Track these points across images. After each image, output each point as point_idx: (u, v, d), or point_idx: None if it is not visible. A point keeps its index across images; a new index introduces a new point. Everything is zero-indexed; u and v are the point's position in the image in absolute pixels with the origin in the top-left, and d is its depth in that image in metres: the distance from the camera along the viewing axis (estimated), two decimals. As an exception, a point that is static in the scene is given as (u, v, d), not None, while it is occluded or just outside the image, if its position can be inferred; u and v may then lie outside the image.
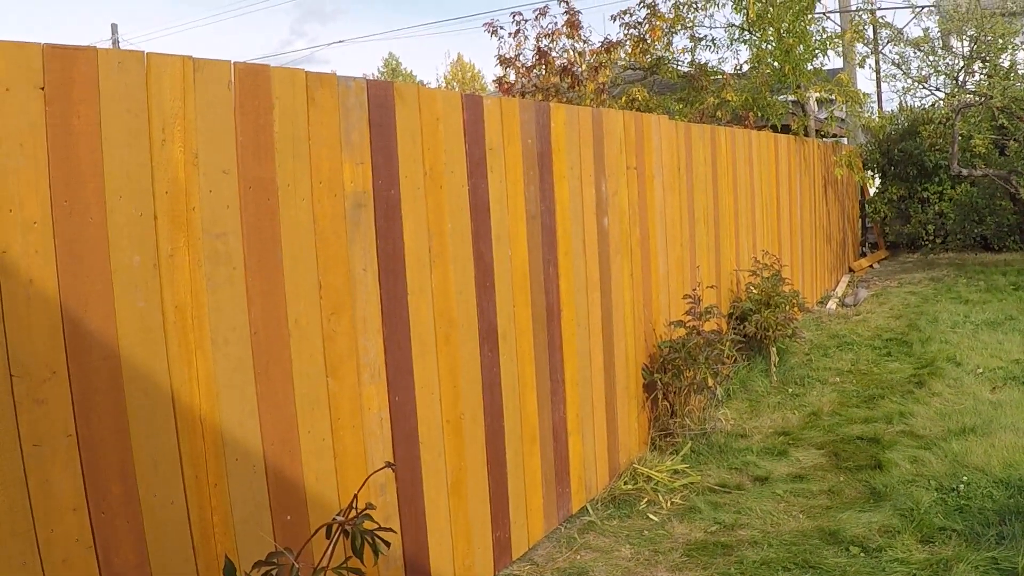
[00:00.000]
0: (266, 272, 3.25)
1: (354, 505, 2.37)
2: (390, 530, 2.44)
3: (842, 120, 17.95)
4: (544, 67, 12.21)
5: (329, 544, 2.33)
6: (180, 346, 2.93)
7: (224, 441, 3.07)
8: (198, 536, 2.97)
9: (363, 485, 2.87)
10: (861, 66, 15.38)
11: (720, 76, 13.05)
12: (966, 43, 14.60)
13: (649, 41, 13.02)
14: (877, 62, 17.04)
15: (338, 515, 2.39)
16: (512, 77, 12.60)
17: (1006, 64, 13.99)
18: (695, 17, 13.44)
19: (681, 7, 13.26)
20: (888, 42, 15.17)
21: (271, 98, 3.29)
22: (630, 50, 13.08)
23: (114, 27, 38.44)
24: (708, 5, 13.20)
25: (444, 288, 4.20)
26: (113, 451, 2.73)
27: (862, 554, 4.61)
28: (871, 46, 16.10)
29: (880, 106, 22.08)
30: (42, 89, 2.55)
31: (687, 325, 6.59)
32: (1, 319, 2.45)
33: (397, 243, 3.90)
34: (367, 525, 2.38)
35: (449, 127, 4.24)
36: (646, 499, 5.52)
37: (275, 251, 3.29)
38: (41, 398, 2.54)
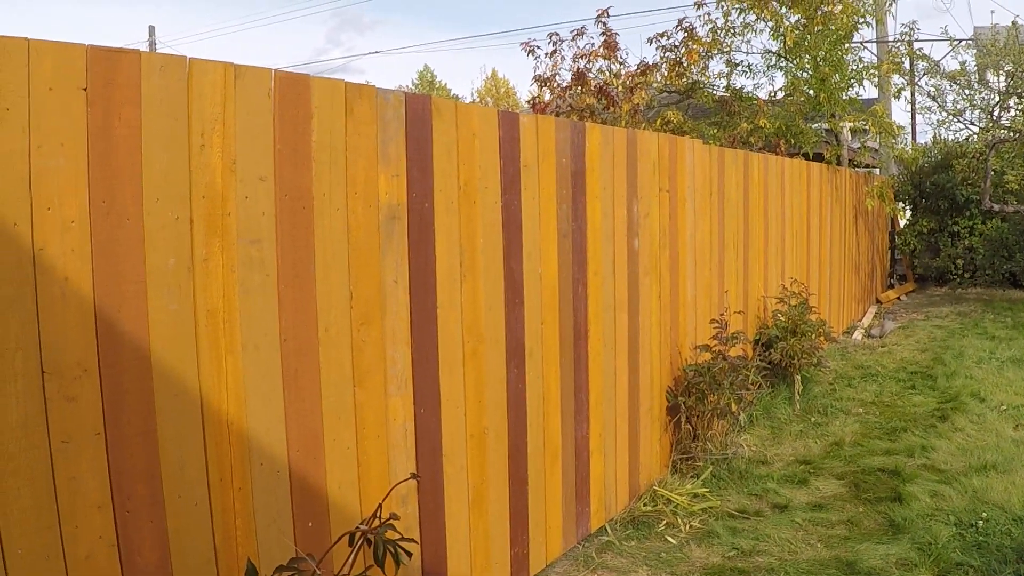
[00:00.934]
0: (299, 280, 3.27)
1: (378, 515, 2.38)
2: (412, 540, 2.45)
3: (875, 151, 17.89)
4: (580, 87, 12.20)
5: (352, 552, 2.33)
6: (211, 350, 2.95)
7: (250, 446, 3.09)
8: (220, 539, 2.98)
9: (388, 495, 2.88)
10: (896, 97, 15.26)
11: (754, 102, 13.01)
12: (1003, 78, 14.51)
13: (685, 64, 12.99)
14: (913, 94, 16.97)
15: (361, 524, 2.40)
16: (547, 96, 12.60)
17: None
18: (732, 42, 13.41)
19: (718, 32, 13.23)
20: (924, 74, 15.11)
21: (310, 107, 3.31)
22: (666, 73, 13.04)
23: (151, 29, 38.82)
24: (746, 31, 13.17)
25: (474, 303, 4.21)
26: (140, 451, 2.75)
27: (882, 588, 4.57)
28: (907, 77, 16.02)
29: (914, 138, 22.01)
30: (84, 90, 2.58)
31: (713, 349, 6.57)
32: (35, 316, 2.48)
33: (429, 256, 3.91)
34: (389, 535, 2.38)
35: (485, 143, 4.26)
36: (665, 521, 5.49)
37: (308, 260, 3.31)
38: (72, 395, 2.56)
